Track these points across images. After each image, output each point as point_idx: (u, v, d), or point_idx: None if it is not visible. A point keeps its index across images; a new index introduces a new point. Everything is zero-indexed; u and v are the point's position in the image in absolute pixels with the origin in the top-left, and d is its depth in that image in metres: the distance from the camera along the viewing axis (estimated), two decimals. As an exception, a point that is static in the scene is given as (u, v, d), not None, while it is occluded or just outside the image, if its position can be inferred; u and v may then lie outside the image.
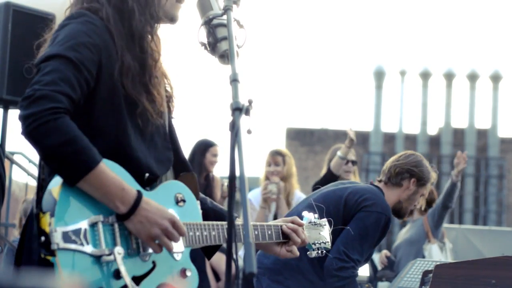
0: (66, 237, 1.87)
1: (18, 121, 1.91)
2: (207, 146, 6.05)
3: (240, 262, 4.95)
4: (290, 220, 2.40)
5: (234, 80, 1.91)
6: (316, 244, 2.47)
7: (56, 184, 1.92)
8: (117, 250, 1.93)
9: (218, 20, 2.17)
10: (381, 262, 5.94)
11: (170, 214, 2.02)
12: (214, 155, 6.06)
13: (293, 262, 3.42)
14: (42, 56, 2.01)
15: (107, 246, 1.93)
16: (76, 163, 1.90)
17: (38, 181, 2.01)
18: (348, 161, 5.60)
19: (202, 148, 6.05)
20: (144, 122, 2.11)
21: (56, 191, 1.90)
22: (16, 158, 6.39)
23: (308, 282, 3.45)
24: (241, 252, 4.94)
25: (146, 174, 2.09)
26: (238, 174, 1.76)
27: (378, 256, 6.17)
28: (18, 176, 7.85)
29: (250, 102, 1.86)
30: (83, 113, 2.00)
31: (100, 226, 1.94)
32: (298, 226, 2.38)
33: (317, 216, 2.52)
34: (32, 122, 1.88)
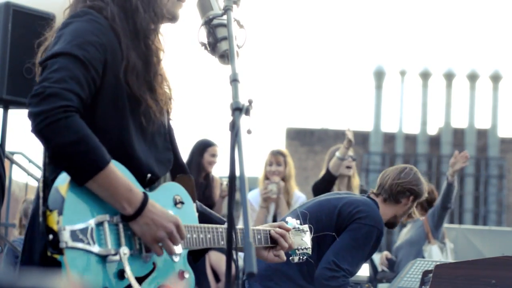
0: (74, 235, 1.86)
1: (28, 118, 1.90)
2: (206, 146, 6.04)
3: (240, 263, 4.95)
4: (277, 225, 2.44)
5: (234, 80, 1.91)
6: (299, 249, 2.51)
7: (63, 181, 1.90)
8: (122, 251, 1.93)
9: (218, 20, 2.17)
10: (381, 263, 5.94)
11: (174, 217, 2.03)
12: (213, 155, 6.05)
13: (283, 268, 3.44)
14: (48, 53, 1.99)
15: (112, 246, 1.93)
16: (86, 163, 1.90)
17: (44, 179, 1.99)
18: (348, 156, 5.59)
19: (201, 148, 6.04)
20: (147, 120, 2.11)
21: (63, 189, 1.89)
22: (16, 158, 6.39)
23: (298, 287, 3.47)
24: (241, 252, 4.94)
25: (148, 175, 2.09)
26: (238, 174, 1.76)
27: (378, 256, 6.17)
28: (18, 176, 7.86)
29: (250, 102, 1.86)
30: (87, 112, 2.00)
31: (106, 225, 1.94)
32: (286, 231, 2.41)
33: (299, 222, 2.56)
34: (43, 119, 1.87)
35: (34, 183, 6.40)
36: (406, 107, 21.01)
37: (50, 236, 1.85)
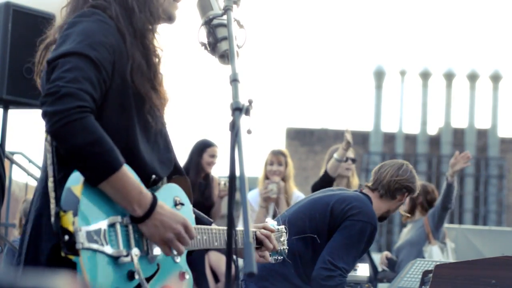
0: (89, 236, 1.87)
1: (42, 117, 1.89)
2: (204, 147, 6.02)
3: (240, 263, 4.95)
4: (261, 226, 2.47)
5: (234, 80, 1.91)
6: (278, 250, 2.55)
7: (76, 182, 1.90)
8: (134, 252, 1.95)
9: (218, 20, 2.17)
10: (381, 263, 5.93)
11: (183, 218, 2.05)
12: (212, 156, 6.03)
13: (278, 268, 3.44)
14: (59, 51, 1.97)
15: (124, 247, 1.94)
16: (101, 164, 1.90)
17: (54, 179, 1.98)
18: (347, 158, 5.60)
19: (200, 149, 6.02)
20: (153, 119, 2.12)
21: (78, 190, 1.89)
22: (16, 158, 6.39)
23: (293, 287, 3.47)
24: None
25: (153, 176, 2.10)
26: (238, 174, 1.76)
27: (378, 256, 6.16)
28: (18, 176, 7.85)
29: (250, 102, 1.86)
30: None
31: (118, 227, 1.95)
32: (270, 233, 2.45)
33: (277, 223, 2.60)
34: (59, 120, 1.86)
35: (34, 183, 6.39)
36: (406, 107, 21.00)
37: (66, 237, 1.84)
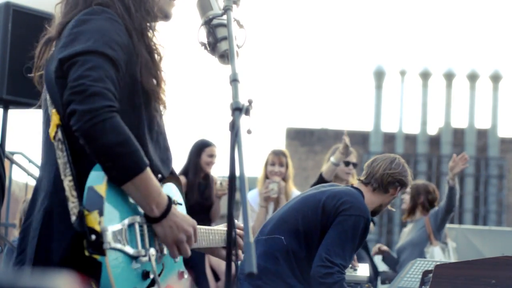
0: (114, 236, 1.87)
1: (70, 115, 1.88)
2: (203, 147, 6.01)
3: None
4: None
5: (234, 80, 1.91)
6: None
7: (99, 181, 1.90)
8: (151, 252, 1.96)
9: (218, 20, 2.17)
10: (374, 253, 5.87)
11: (193, 221, 2.07)
12: (210, 156, 6.01)
13: (271, 267, 3.44)
14: (75, 49, 1.96)
15: (142, 247, 1.96)
16: (128, 164, 1.90)
17: (73, 178, 1.96)
18: (349, 163, 5.60)
19: (198, 149, 6.01)
20: (156, 117, 2.13)
21: (102, 189, 1.88)
22: (16, 158, 6.39)
23: (287, 286, 3.47)
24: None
25: (159, 175, 2.10)
26: (238, 174, 1.76)
27: (380, 257, 6.14)
28: (18, 176, 7.84)
29: (250, 102, 1.86)
30: None
31: (136, 227, 1.96)
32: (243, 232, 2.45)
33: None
34: (90, 119, 1.86)
35: (34, 183, 6.39)
36: (406, 107, 21.03)
37: (93, 236, 1.83)
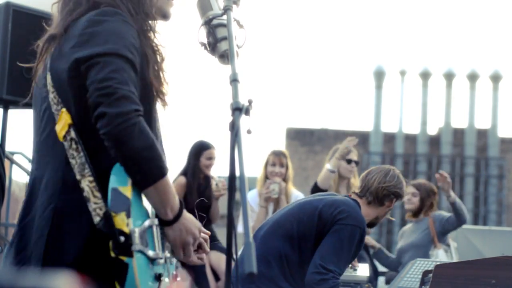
0: (140, 238, 1.89)
1: (99, 117, 1.88)
2: (201, 150, 5.99)
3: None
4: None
5: (234, 80, 1.91)
6: None
7: (124, 183, 1.90)
8: (166, 254, 1.99)
9: (218, 20, 2.17)
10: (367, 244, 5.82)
11: (199, 224, 2.10)
12: (209, 158, 5.99)
13: (264, 270, 3.44)
14: (94, 50, 1.95)
15: (159, 249, 1.98)
16: (153, 168, 1.92)
17: (94, 178, 1.96)
18: (351, 160, 5.61)
19: (196, 151, 5.99)
20: (157, 117, 2.14)
21: (128, 191, 1.90)
22: (16, 158, 6.39)
23: None
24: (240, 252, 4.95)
25: None
26: (238, 174, 1.76)
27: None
28: (18, 176, 7.84)
29: (250, 102, 1.86)
30: None
31: (154, 229, 1.98)
32: (207, 236, 2.47)
33: None
34: (121, 122, 1.86)
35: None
36: (406, 107, 21.04)
37: (122, 238, 1.85)
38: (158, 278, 1.96)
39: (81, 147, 1.97)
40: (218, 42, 2.16)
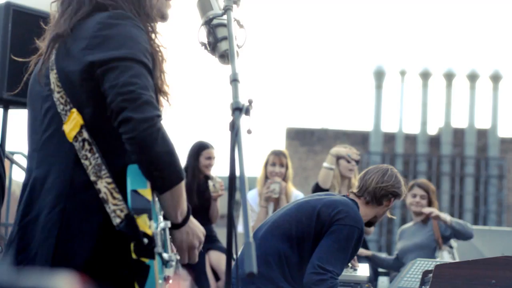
0: (160, 240, 1.92)
1: (124, 122, 1.89)
2: (200, 150, 5.98)
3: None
4: None
5: (234, 80, 1.91)
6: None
7: (143, 185, 1.92)
8: (176, 257, 2.00)
9: (218, 20, 2.17)
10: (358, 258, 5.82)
11: (202, 228, 2.13)
12: (208, 158, 5.98)
13: (264, 271, 3.44)
14: (113, 54, 1.95)
15: (170, 252, 2.00)
16: (173, 173, 1.95)
17: (113, 179, 1.95)
18: (351, 159, 5.62)
19: (195, 152, 5.97)
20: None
21: (148, 193, 1.91)
22: (16, 158, 6.38)
23: None
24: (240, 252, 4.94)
25: None
26: (238, 174, 1.76)
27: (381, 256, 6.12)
28: (18, 176, 7.84)
29: (250, 102, 1.87)
30: None
31: (167, 231, 2.00)
32: None
33: None
34: (147, 127, 1.88)
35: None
36: (406, 107, 21.00)
37: (146, 240, 1.86)
38: (167, 279, 1.97)
39: (96, 148, 1.96)
40: (218, 42, 2.16)
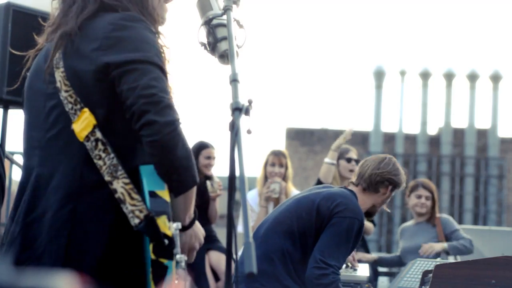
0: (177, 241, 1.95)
1: (147, 124, 1.90)
2: (200, 149, 5.96)
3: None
4: None
5: (234, 80, 1.91)
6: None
7: (160, 187, 1.94)
8: (184, 257, 2.02)
9: (218, 20, 2.17)
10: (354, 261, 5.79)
11: (203, 230, 2.16)
12: (208, 158, 5.97)
13: (268, 268, 3.44)
14: (130, 56, 1.96)
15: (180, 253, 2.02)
16: (190, 177, 1.98)
17: (130, 180, 1.96)
18: (351, 159, 5.63)
19: (195, 151, 5.94)
20: None
21: (166, 195, 1.93)
22: (16, 158, 6.38)
23: (283, 287, 3.46)
24: (240, 252, 4.95)
25: None
26: (238, 174, 1.76)
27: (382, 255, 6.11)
28: (18, 176, 7.84)
29: (250, 102, 1.87)
30: None
31: (178, 233, 2.00)
32: None
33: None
34: (170, 131, 1.90)
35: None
36: (406, 107, 21.00)
37: (166, 241, 1.89)
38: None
39: (111, 148, 1.96)
40: (218, 42, 2.16)
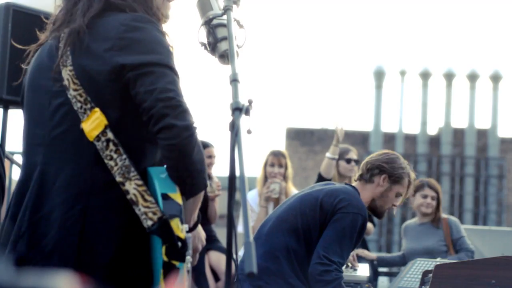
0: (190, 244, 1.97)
1: (166, 128, 1.91)
2: None
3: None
4: None
5: (234, 80, 1.91)
6: None
7: (172, 189, 1.95)
8: (190, 259, 2.03)
9: (218, 20, 2.17)
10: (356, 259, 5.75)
11: (204, 233, 2.18)
12: (209, 157, 5.98)
13: (272, 266, 3.43)
14: (146, 58, 1.97)
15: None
16: (201, 180, 2.01)
17: (143, 182, 1.97)
18: (350, 160, 5.63)
19: None
20: None
21: (178, 197, 1.94)
22: (16, 158, 6.38)
23: (289, 285, 3.46)
24: (240, 252, 4.95)
25: None
26: (238, 174, 1.76)
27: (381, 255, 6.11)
28: (18, 176, 7.82)
29: (250, 102, 1.87)
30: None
31: (190, 236, 2.02)
32: None
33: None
34: (189, 135, 1.92)
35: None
36: (406, 107, 21.03)
37: (180, 243, 1.89)
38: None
39: (122, 149, 1.97)
40: (218, 42, 2.16)
